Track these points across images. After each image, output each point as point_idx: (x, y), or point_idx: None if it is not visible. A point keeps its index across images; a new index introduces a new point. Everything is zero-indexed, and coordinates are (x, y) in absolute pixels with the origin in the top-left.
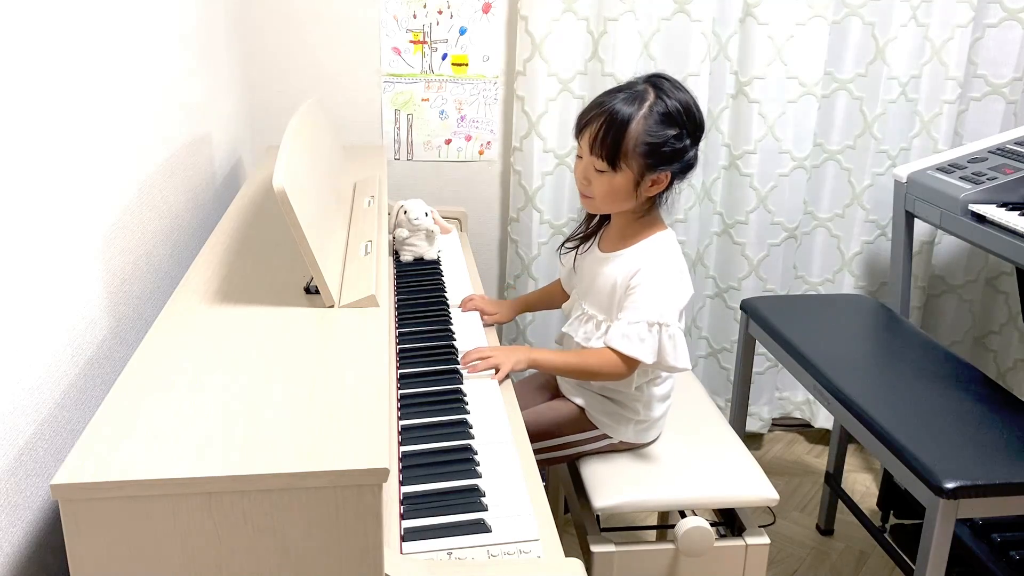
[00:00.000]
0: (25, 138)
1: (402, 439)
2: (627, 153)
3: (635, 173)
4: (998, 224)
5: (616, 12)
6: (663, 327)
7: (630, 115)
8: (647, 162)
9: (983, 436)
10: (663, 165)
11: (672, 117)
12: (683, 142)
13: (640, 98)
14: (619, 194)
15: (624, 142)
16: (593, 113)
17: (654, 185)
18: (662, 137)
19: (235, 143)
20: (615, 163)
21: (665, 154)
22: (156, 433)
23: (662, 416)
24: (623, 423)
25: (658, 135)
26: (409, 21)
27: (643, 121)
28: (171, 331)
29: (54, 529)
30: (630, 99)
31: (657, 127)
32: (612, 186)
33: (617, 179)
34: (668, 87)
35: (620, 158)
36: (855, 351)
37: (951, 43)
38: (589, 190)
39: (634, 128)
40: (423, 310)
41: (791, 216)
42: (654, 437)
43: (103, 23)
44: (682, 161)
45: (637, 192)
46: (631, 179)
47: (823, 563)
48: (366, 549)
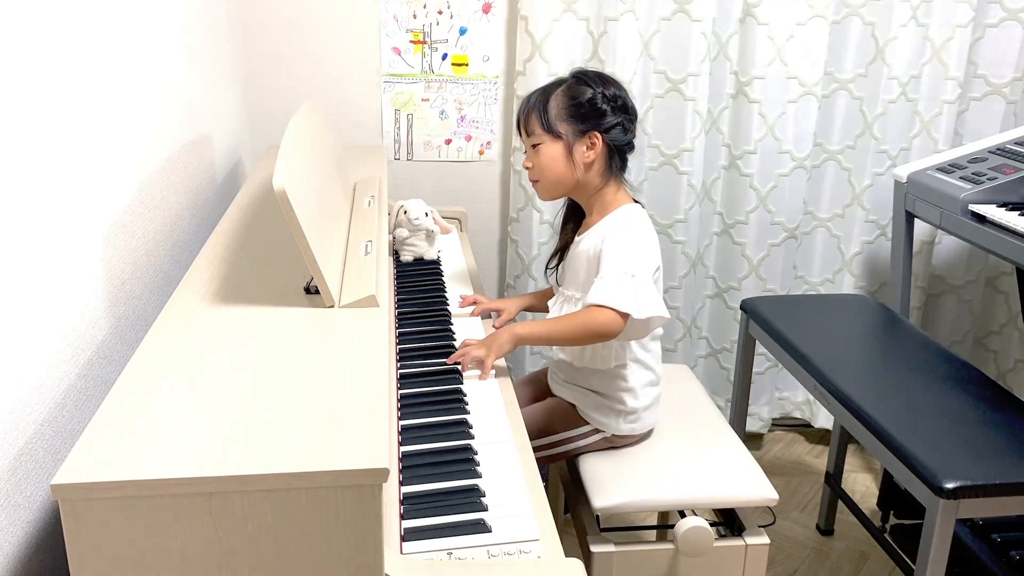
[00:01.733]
0: (25, 138)
1: (402, 439)
2: (551, 119)
3: (566, 138)
4: (998, 224)
5: (616, 12)
6: (633, 276)
7: (550, 90)
8: (573, 126)
9: (983, 436)
10: (588, 122)
11: (588, 84)
12: (603, 105)
13: (560, 81)
14: (557, 163)
15: (548, 110)
16: (523, 104)
17: (588, 150)
18: (582, 99)
19: (235, 143)
20: (544, 130)
21: (586, 113)
22: (156, 433)
23: (651, 406)
24: (612, 416)
25: (576, 98)
26: (409, 21)
27: (563, 92)
28: (171, 331)
29: (54, 529)
30: (551, 84)
31: (575, 91)
32: (549, 156)
33: (550, 148)
34: (592, 74)
35: (546, 125)
36: (855, 351)
37: (951, 43)
38: (534, 173)
39: (554, 98)
40: (423, 310)
41: (791, 216)
42: (646, 429)
43: (103, 23)
44: (607, 120)
45: (573, 158)
46: (563, 145)
47: (823, 563)
48: (366, 549)
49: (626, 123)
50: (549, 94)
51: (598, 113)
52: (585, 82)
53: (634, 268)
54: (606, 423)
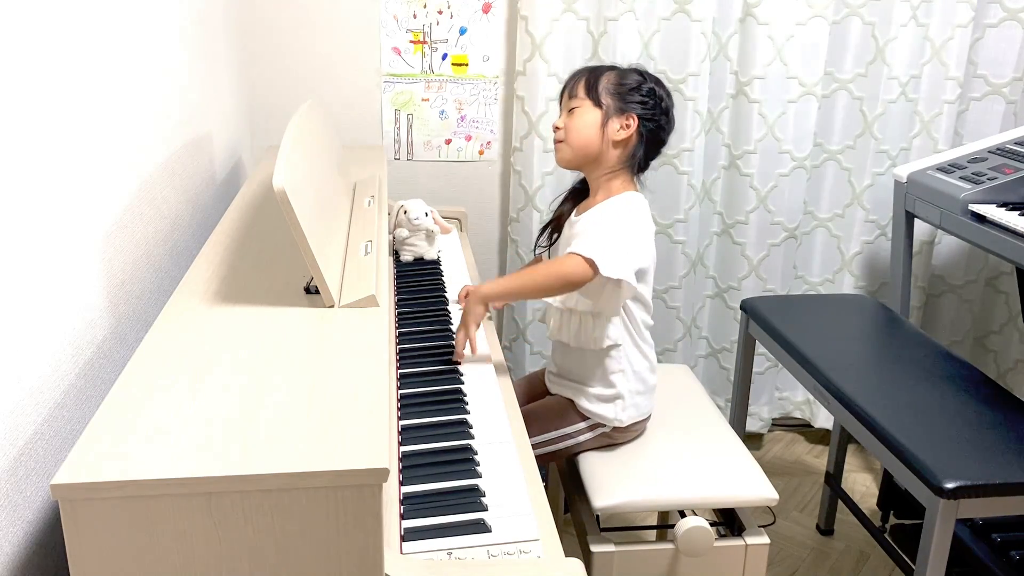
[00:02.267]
0: (25, 138)
1: (402, 439)
2: (597, 88)
3: (603, 110)
4: (998, 224)
5: (616, 12)
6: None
7: (606, 67)
8: (615, 102)
9: (983, 436)
10: (628, 106)
11: (638, 74)
12: (651, 98)
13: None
14: (588, 129)
15: (598, 80)
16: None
17: (621, 129)
18: (631, 83)
19: (235, 143)
20: (586, 94)
21: (632, 97)
22: (156, 433)
23: (646, 392)
24: (606, 404)
25: (627, 81)
26: (409, 21)
27: (617, 71)
28: (171, 331)
29: (54, 529)
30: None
31: (628, 77)
32: (583, 121)
33: (587, 114)
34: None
35: (592, 92)
36: (855, 351)
37: (951, 43)
38: (560, 134)
39: (608, 73)
40: (423, 310)
41: (791, 216)
42: (642, 417)
43: (103, 23)
44: (648, 111)
45: (604, 131)
46: (600, 115)
47: (823, 563)
48: (366, 549)
49: (663, 125)
50: (604, 69)
51: (642, 101)
52: (641, 74)
53: (616, 236)
54: (602, 414)
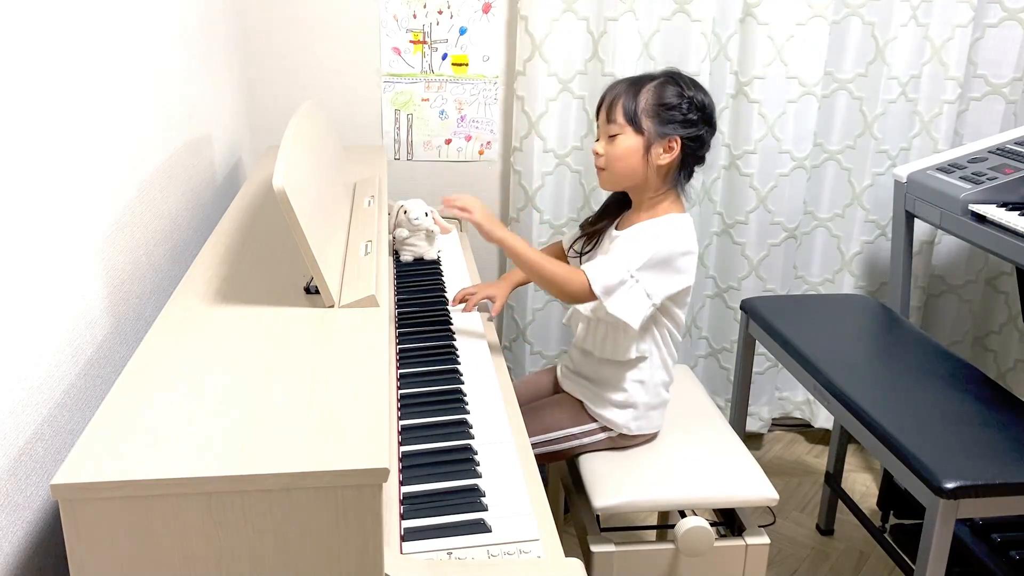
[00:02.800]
0: (25, 138)
1: (402, 439)
2: (637, 112)
3: (646, 134)
4: (998, 224)
5: (616, 12)
6: (630, 279)
7: (643, 83)
8: (656, 126)
9: (983, 436)
10: (672, 128)
11: (682, 91)
12: (692, 114)
13: (653, 76)
14: (631, 156)
15: (636, 103)
16: (614, 85)
17: (665, 152)
18: (671, 102)
19: (235, 143)
20: (627, 120)
21: (674, 118)
22: (156, 433)
23: (659, 407)
24: (619, 413)
25: (667, 100)
26: (409, 21)
27: (656, 88)
28: (171, 331)
29: (54, 529)
30: (644, 76)
31: (667, 93)
32: (625, 148)
33: (628, 140)
34: (686, 78)
35: (631, 117)
36: (855, 351)
37: (951, 43)
38: (602, 161)
39: (645, 91)
40: (423, 310)
41: (791, 216)
42: (653, 430)
43: (103, 23)
44: (691, 130)
45: (648, 157)
46: (641, 142)
47: (823, 563)
48: (366, 549)
49: (707, 136)
50: (641, 86)
51: (685, 119)
52: (679, 84)
53: (641, 274)
54: (614, 421)
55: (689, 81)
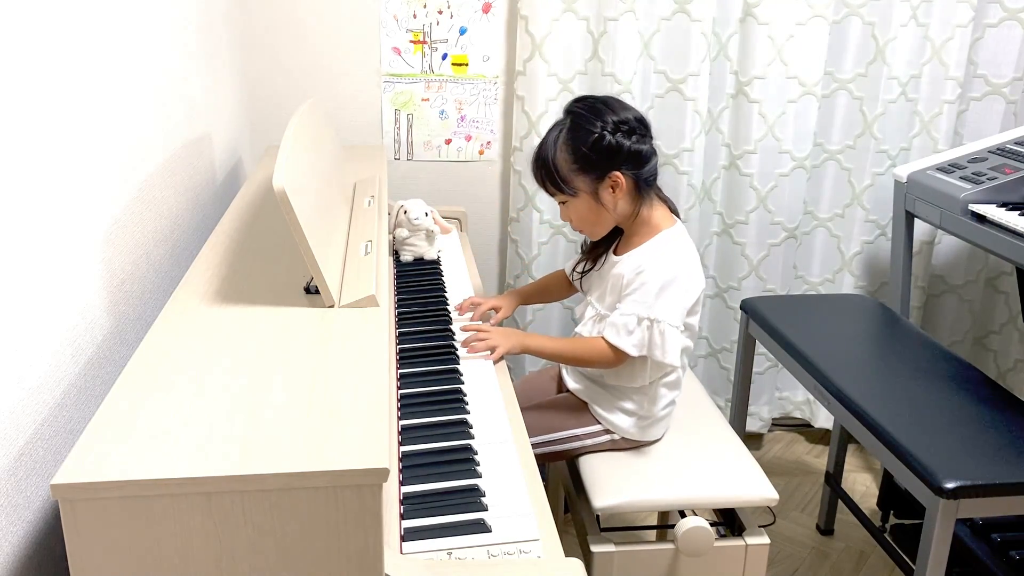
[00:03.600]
0: (25, 138)
1: (402, 439)
2: (564, 178)
3: (588, 189)
4: (998, 224)
5: (616, 12)
6: (655, 323)
7: (550, 148)
8: (589, 176)
9: (983, 436)
10: (604, 167)
11: (584, 128)
12: (608, 139)
13: (556, 129)
14: (591, 213)
15: (557, 170)
16: (532, 168)
17: (616, 189)
18: (584, 147)
19: (235, 143)
20: (563, 190)
21: (597, 161)
22: (156, 433)
23: (666, 415)
24: (625, 418)
25: (581, 150)
26: (409, 21)
27: (563, 146)
28: (171, 331)
29: (54, 529)
30: (549, 138)
31: (575, 142)
32: (579, 210)
33: (578, 202)
34: (581, 105)
35: (564, 183)
36: (855, 351)
37: (951, 43)
38: (573, 226)
39: (559, 153)
40: (423, 310)
41: (791, 216)
42: (657, 436)
43: (103, 23)
44: (621, 154)
45: (603, 203)
46: (589, 196)
47: (823, 563)
48: (366, 549)
49: (641, 144)
50: (553, 151)
51: (610, 153)
52: (585, 122)
53: (658, 312)
54: (618, 425)
55: (593, 111)
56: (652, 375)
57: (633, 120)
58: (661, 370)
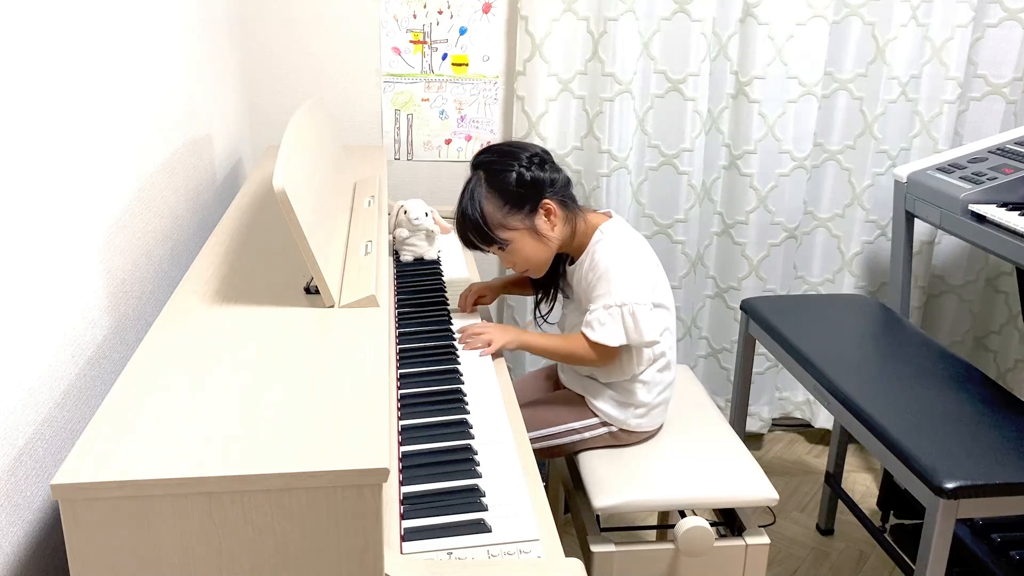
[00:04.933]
0: (25, 138)
1: (402, 439)
2: (498, 225)
3: (523, 225)
4: (998, 224)
5: (616, 12)
6: (623, 307)
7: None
8: (520, 212)
9: (983, 436)
10: (533, 201)
11: (502, 172)
12: (527, 175)
13: (469, 186)
14: (534, 251)
15: (489, 221)
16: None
17: (549, 216)
18: (508, 192)
19: (235, 143)
20: (500, 240)
21: (524, 193)
22: (156, 433)
23: (662, 404)
24: (621, 409)
25: (505, 189)
26: (409, 21)
27: (487, 195)
28: (171, 331)
29: (54, 529)
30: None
31: (498, 186)
32: (522, 252)
33: (517, 245)
34: (486, 156)
35: (501, 229)
36: (855, 351)
37: (951, 43)
38: (518, 268)
39: (485, 205)
40: (423, 310)
41: (791, 216)
42: (654, 427)
43: (104, 23)
44: (543, 184)
45: (541, 234)
46: (527, 235)
47: (823, 563)
48: (366, 549)
49: (554, 173)
50: (478, 206)
51: (535, 186)
52: (500, 167)
53: (620, 296)
54: (615, 416)
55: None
56: (639, 362)
57: (541, 152)
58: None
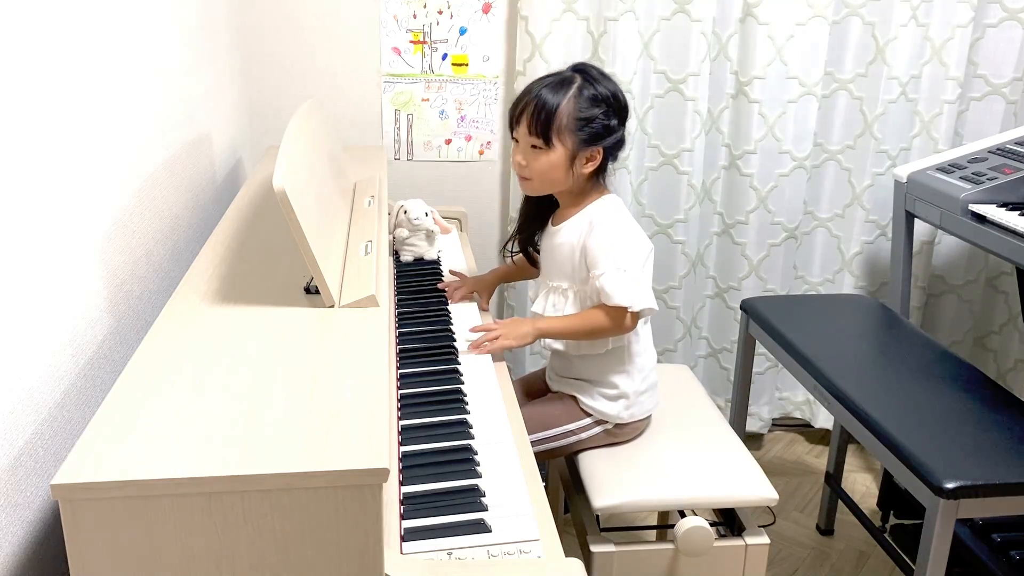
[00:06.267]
0: (25, 138)
1: (402, 439)
2: (560, 129)
3: (570, 149)
4: (998, 224)
5: (616, 12)
6: (628, 271)
7: (561, 96)
8: (579, 138)
9: (983, 436)
10: (595, 141)
11: (598, 97)
12: (611, 120)
13: (569, 82)
14: (556, 171)
15: (557, 119)
16: (527, 99)
17: (588, 162)
18: (591, 115)
19: (235, 143)
20: (549, 139)
21: (596, 130)
22: (156, 433)
23: (649, 390)
24: (610, 403)
25: (587, 113)
26: (409, 21)
27: (573, 101)
28: (171, 331)
29: (54, 529)
30: (558, 84)
31: (586, 106)
32: (549, 163)
33: (553, 156)
34: (595, 73)
35: (554, 134)
36: (855, 351)
37: (951, 43)
38: (526, 171)
39: (565, 107)
40: (423, 310)
41: (791, 216)
42: (645, 415)
43: (103, 23)
44: (611, 138)
45: (572, 168)
46: (565, 155)
47: (823, 563)
48: (366, 549)
49: (624, 134)
50: (558, 101)
51: (606, 130)
52: (593, 86)
53: (625, 263)
54: (605, 412)
55: (599, 76)
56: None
57: (626, 109)
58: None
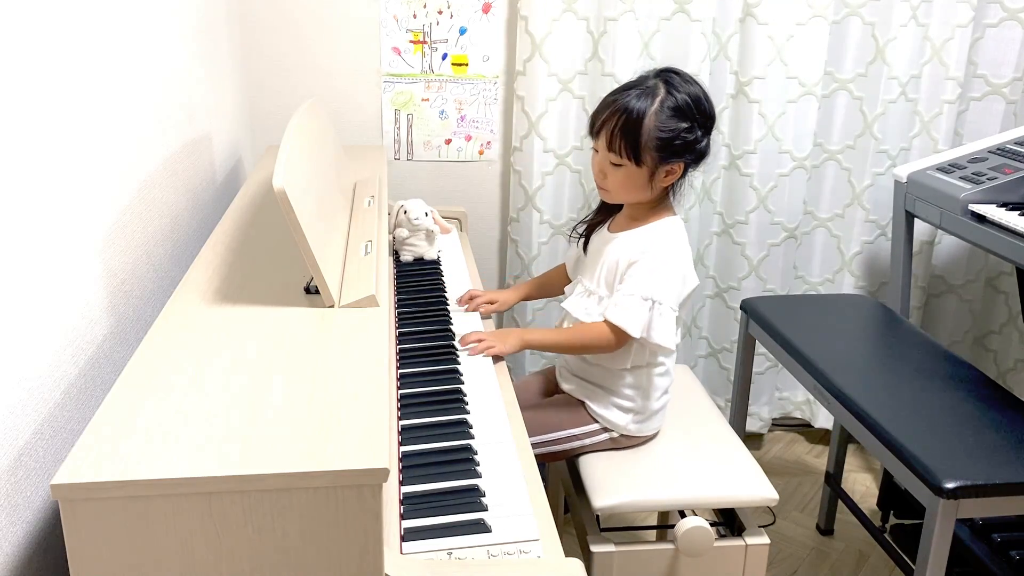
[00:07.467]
0: (26, 138)
1: (402, 439)
2: (641, 147)
3: (650, 166)
4: (998, 224)
5: (616, 12)
6: (656, 304)
7: (643, 111)
8: (661, 155)
9: (983, 436)
10: (676, 157)
11: (682, 111)
12: (694, 134)
13: (651, 93)
14: (635, 186)
15: (638, 137)
16: (608, 111)
17: (668, 176)
18: (674, 131)
19: (235, 143)
20: (631, 157)
21: (678, 147)
22: (156, 433)
23: (660, 409)
24: (621, 414)
25: (670, 129)
26: (409, 21)
27: (655, 116)
28: (171, 331)
29: (54, 529)
30: (642, 95)
31: (669, 121)
32: (629, 178)
33: (633, 172)
34: (678, 81)
35: (635, 152)
36: (855, 351)
37: (951, 43)
38: (605, 183)
39: (647, 123)
40: (423, 310)
41: (791, 216)
42: (653, 431)
43: (104, 23)
44: (694, 151)
45: (652, 183)
46: (646, 171)
47: (823, 563)
48: (366, 549)
49: (708, 146)
50: (639, 118)
51: (689, 147)
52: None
53: (659, 294)
54: (614, 422)
55: (683, 83)
56: (637, 359)
57: (712, 120)
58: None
